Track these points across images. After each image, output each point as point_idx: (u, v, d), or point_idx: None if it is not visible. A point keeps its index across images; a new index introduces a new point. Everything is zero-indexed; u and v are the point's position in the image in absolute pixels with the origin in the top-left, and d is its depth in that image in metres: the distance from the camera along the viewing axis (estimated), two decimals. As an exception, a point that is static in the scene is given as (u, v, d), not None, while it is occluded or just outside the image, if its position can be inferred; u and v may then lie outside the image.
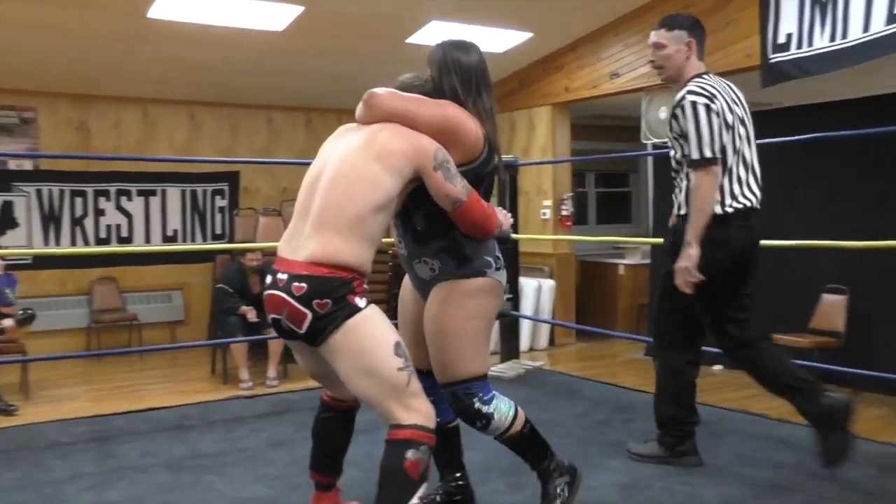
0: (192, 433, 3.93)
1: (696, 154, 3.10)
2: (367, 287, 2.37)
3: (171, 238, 7.63)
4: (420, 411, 2.34)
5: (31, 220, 7.04)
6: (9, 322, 5.46)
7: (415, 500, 2.27)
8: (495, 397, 2.60)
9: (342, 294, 2.28)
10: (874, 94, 5.40)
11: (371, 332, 2.32)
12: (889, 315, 5.33)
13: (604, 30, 6.71)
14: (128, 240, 7.42)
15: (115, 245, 7.33)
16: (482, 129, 2.49)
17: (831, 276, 5.64)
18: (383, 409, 2.34)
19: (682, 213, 3.28)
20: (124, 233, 7.42)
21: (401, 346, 2.35)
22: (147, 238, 7.51)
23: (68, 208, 7.19)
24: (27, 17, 5.48)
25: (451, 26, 6.23)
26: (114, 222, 7.39)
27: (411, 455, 2.27)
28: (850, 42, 4.69)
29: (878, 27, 4.51)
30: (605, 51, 6.73)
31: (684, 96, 3.14)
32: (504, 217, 2.63)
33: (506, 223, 2.63)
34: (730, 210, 3.19)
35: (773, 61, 5.11)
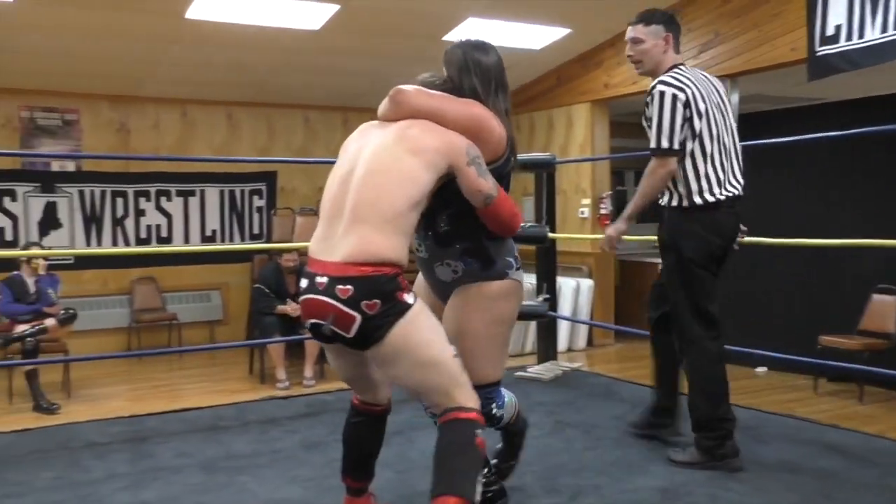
0: (227, 434, 3.93)
1: (654, 143, 3.19)
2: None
3: (210, 238, 7.69)
4: (475, 398, 2.35)
5: (73, 220, 7.15)
6: (51, 321, 5.55)
7: (480, 477, 2.27)
8: (506, 396, 2.66)
9: (390, 291, 2.20)
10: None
11: (427, 325, 2.29)
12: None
13: (644, 25, 6.58)
14: (167, 240, 7.49)
15: (154, 245, 7.41)
16: (504, 129, 2.46)
17: (881, 276, 5.48)
18: (444, 397, 2.29)
19: (662, 203, 3.35)
20: (164, 233, 7.50)
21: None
22: (186, 238, 7.59)
23: (109, 209, 7.29)
24: (68, 21, 5.55)
25: (488, 23, 6.17)
26: (154, 222, 7.47)
27: (480, 433, 2.28)
28: (902, 33, 4.56)
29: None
30: (645, 46, 6.60)
31: (655, 85, 3.20)
32: None
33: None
34: (721, 197, 3.24)
35: (820, 54, 4.98)
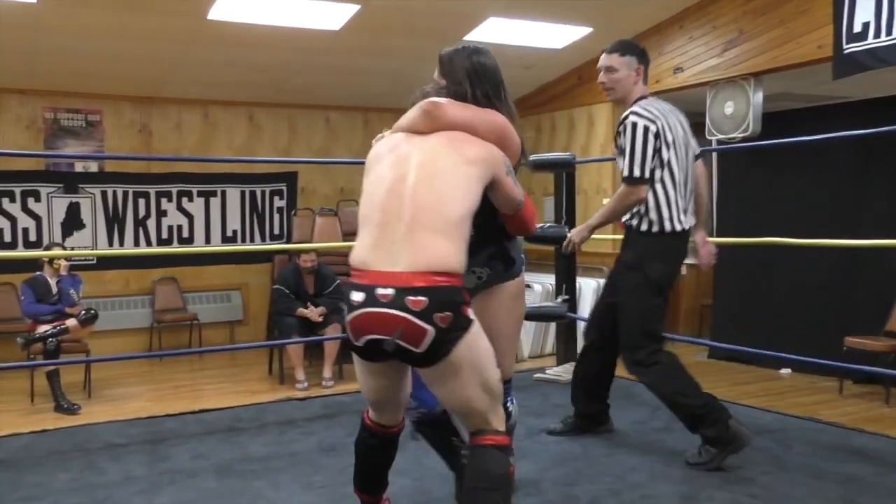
0: (244, 436, 3.93)
1: (626, 171, 3.35)
2: None
3: (231, 238, 7.70)
4: (504, 420, 2.33)
5: (95, 221, 7.19)
6: (73, 322, 5.58)
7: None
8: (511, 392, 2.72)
9: (459, 304, 2.10)
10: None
11: (485, 345, 2.22)
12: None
13: (667, 23, 6.50)
14: (189, 240, 7.51)
15: (176, 245, 7.44)
16: (518, 134, 2.46)
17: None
18: (482, 420, 2.24)
19: (629, 224, 3.52)
20: (185, 233, 7.52)
21: None
22: (207, 238, 7.60)
23: (132, 209, 7.32)
24: (92, 22, 5.57)
25: (508, 22, 6.12)
26: (175, 223, 7.49)
27: (512, 461, 2.28)
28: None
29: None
30: (668, 44, 6.53)
31: (627, 116, 3.38)
32: None
33: None
34: (686, 226, 3.50)
35: (847, 52, 4.88)
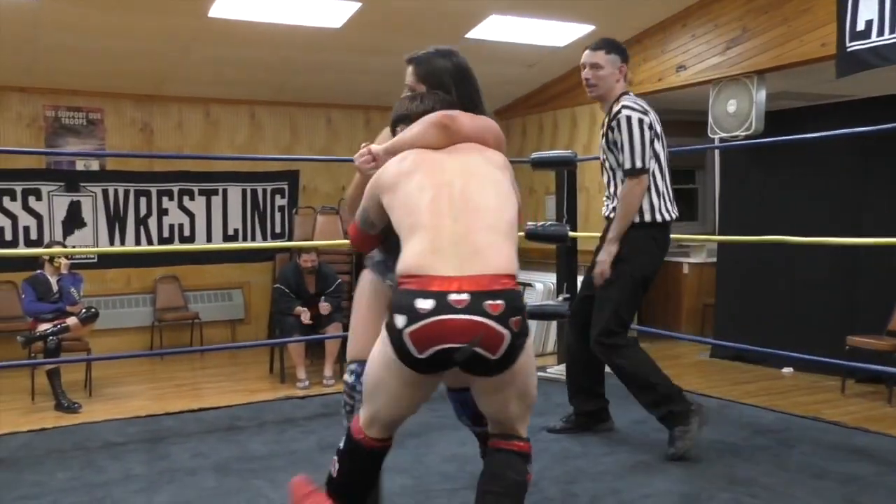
0: (243, 434, 3.92)
1: (628, 164, 3.40)
2: None
3: (232, 237, 7.69)
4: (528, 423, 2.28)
5: (97, 219, 7.18)
6: (73, 320, 5.57)
7: None
8: None
9: (524, 308, 2.05)
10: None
11: (532, 353, 2.16)
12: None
13: (670, 20, 6.48)
14: (190, 239, 7.50)
15: (177, 244, 7.43)
16: None
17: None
18: (511, 426, 2.20)
19: (612, 214, 3.57)
20: (186, 232, 7.51)
21: None
22: (208, 237, 7.59)
23: (133, 208, 7.31)
24: (93, 20, 5.57)
25: (510, 20, 6.11)
26: (176, 222, 7.48)
27: (530, 469, 2.22)
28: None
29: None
30: (671, 42, 6.51)
31: (620, 110, 3.44)
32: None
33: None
34: (674, 216, 3.63)
35: (850, 50, 4.86)
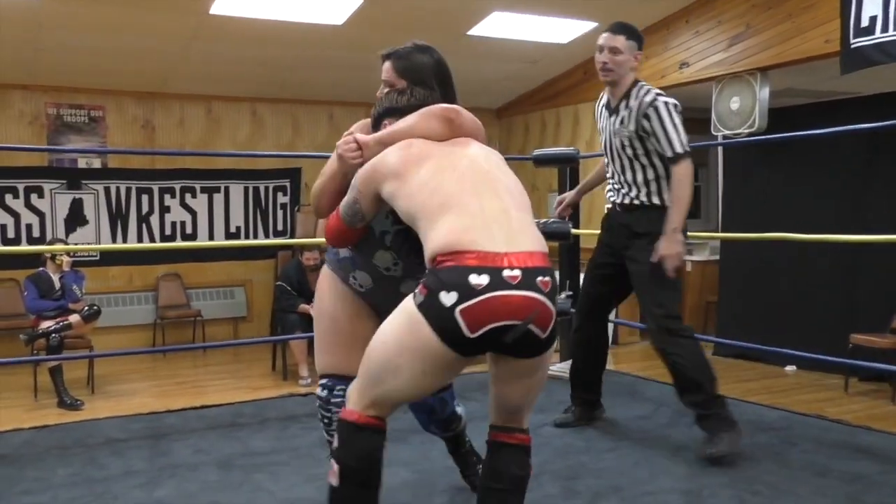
0: (245, 431, 3.91)
1: (678, 148, 3.38)
2: None
3: (234, 235, 7.69)
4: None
5: (99, 217, 7.18)
6: (75, 317, 5.57)
7: None
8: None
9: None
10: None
11: None
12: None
13: (673, 17, 6.47)
14: (192, 236, 7.50)
15: (179, 241, 7.43)
16: None
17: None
18: (522, 416, 2.14)
19: (641, 202, 3.51)
20: (189, 229, 7.51)
21: None
22: (211, 235, 7.59)
23: (135, 206, 7.31)
24: (95, 18, 5.57)
25: (513, 16, 6.10)
26: (178, 219, 7.49)
27: (531, 462, 2.19)
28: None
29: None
30: (674, 39, 6.49)
31: (656, 98, 3.42)
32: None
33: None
34: None
35: (854, 46, 4.84)
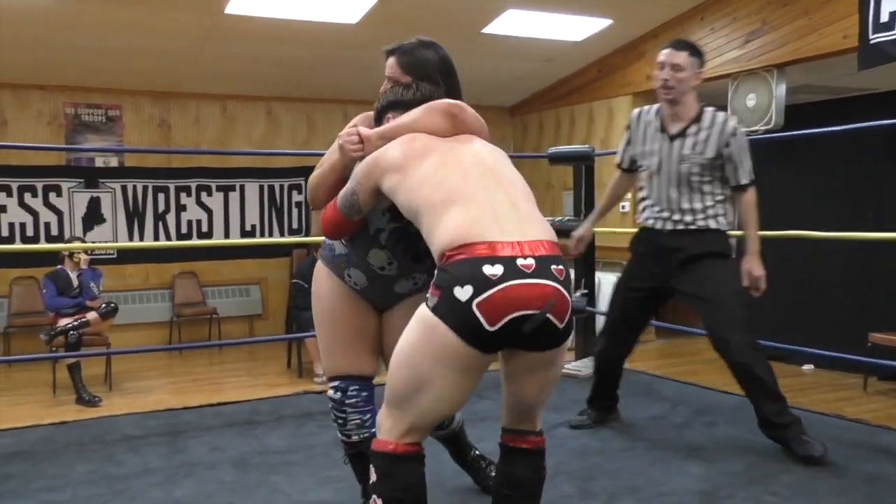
0: (261, 428, 3.92)
1: (751, 176, 3.47)
2: None
3: (250, 233, 7.73)
4: None
5: (116, 215, 7.24)
6: (93, 315, 5.62)
7: None
8: None
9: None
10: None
11: None
12: None
13: (688, 14, 6.44)
14: (208, 235, 7.55)
15: (195, 240, 7.47)
16: None
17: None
18: (534, 415, 2.11)
19: (698, 227, 3.54)
20: (204, 228, 7.56)
21: None
22: (226, 233, 7.63)
23: (151, 204, 7.36)
24: (111, 18, 5.60)
25: (527, 14, 6.08)
26: (194, 217, 7.53)
27: (545, 463, 2.16)
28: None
29: None
30: (689, 36, 6.42)
31: (737, 126, 3.44)
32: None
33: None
34: None
35: (873, 42, 4.80)
